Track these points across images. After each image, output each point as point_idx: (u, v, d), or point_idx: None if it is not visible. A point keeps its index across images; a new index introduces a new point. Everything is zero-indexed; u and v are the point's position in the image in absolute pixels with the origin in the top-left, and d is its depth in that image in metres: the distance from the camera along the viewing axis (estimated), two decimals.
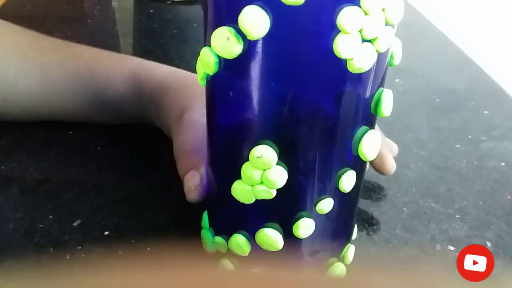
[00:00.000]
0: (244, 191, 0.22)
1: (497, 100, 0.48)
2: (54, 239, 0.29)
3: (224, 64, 0.20)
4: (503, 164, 0.38)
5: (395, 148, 0.35)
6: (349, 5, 0.18)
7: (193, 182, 0.28)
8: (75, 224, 0.31)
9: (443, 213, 0.33)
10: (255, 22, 0.18)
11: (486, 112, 0.45)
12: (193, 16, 0.64)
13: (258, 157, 0.21)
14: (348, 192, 0.23)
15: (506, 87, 0.50)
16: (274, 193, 0.22)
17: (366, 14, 0.18)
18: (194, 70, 0.24)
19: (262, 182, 0.22)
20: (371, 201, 0.34)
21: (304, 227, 0.23)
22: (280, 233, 0.23)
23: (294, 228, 0.23)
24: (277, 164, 0.21)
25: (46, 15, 0.63)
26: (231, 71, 0.20)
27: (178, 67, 0.37)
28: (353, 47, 0.18)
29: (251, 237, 0.24)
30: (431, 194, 0.35)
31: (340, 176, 0.23)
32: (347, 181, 0.23)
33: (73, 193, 0.33)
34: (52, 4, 0.66)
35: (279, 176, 0.21)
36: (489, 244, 0.31)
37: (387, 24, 0.19)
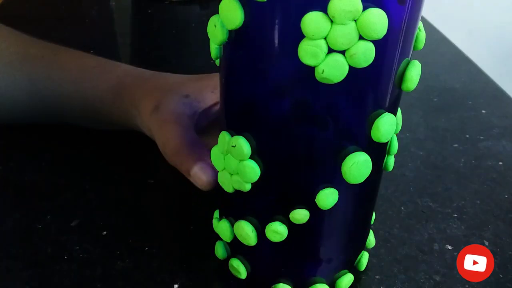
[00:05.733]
0: (224, 178, 0.23)
1: (495, 99, 0.48)
2: (52, 239, 0.29)
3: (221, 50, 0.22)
4: (500, 163, 0.38)
5: None
6: (314, 11, 0.17)
7: (208, 175, 0.28)
8: (73, 224, 0.31)
9: (440, 212, 0.33)
10: (228, 13, 0.19)
11: (484, 111, 0.45)
12: (191, 16, 0.64)
13: (232, 146, 0.22)
14: (359, 185, 0.22)
15: (504, 86, 0.50)
16: (248, 186, 0.22)
17: (332, 22, 0.18)
18: (192, 70, 0.24)
19: (237, 173, 0.23)
20: None
21: (304, 214, 0.22)
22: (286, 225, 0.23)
23: (291, 215, 0.23)
24: (252, 158, 0.22)
25: (43, 15, 0.63)
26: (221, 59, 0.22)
27: (176, 67, 0.37)
28: (316, 54, 0.18)
29: (259, 226, 0.24)
30: (428, 193, 0.35)
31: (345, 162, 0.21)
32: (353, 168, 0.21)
33: (71, 193, 0.33)
34: (49, 4, 0.66)
35: (250, 170, 0.22)
36: (486, 243, 0.31)
37: (363, 37, 0.18)
